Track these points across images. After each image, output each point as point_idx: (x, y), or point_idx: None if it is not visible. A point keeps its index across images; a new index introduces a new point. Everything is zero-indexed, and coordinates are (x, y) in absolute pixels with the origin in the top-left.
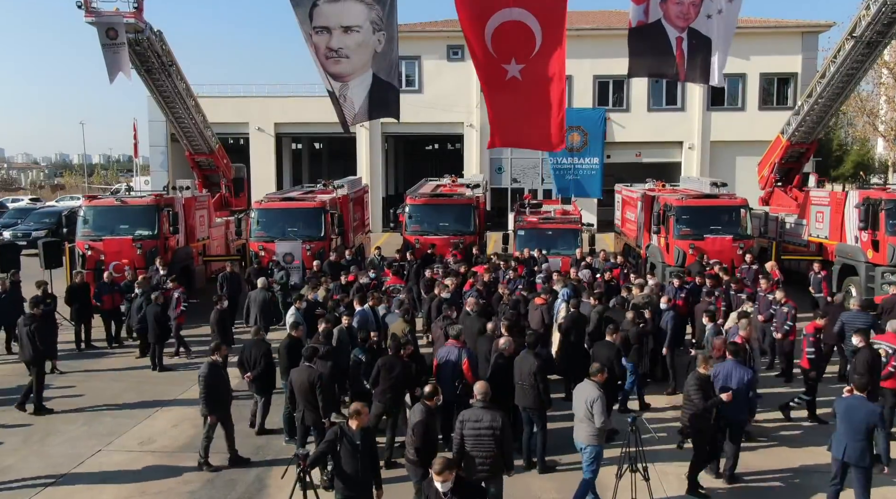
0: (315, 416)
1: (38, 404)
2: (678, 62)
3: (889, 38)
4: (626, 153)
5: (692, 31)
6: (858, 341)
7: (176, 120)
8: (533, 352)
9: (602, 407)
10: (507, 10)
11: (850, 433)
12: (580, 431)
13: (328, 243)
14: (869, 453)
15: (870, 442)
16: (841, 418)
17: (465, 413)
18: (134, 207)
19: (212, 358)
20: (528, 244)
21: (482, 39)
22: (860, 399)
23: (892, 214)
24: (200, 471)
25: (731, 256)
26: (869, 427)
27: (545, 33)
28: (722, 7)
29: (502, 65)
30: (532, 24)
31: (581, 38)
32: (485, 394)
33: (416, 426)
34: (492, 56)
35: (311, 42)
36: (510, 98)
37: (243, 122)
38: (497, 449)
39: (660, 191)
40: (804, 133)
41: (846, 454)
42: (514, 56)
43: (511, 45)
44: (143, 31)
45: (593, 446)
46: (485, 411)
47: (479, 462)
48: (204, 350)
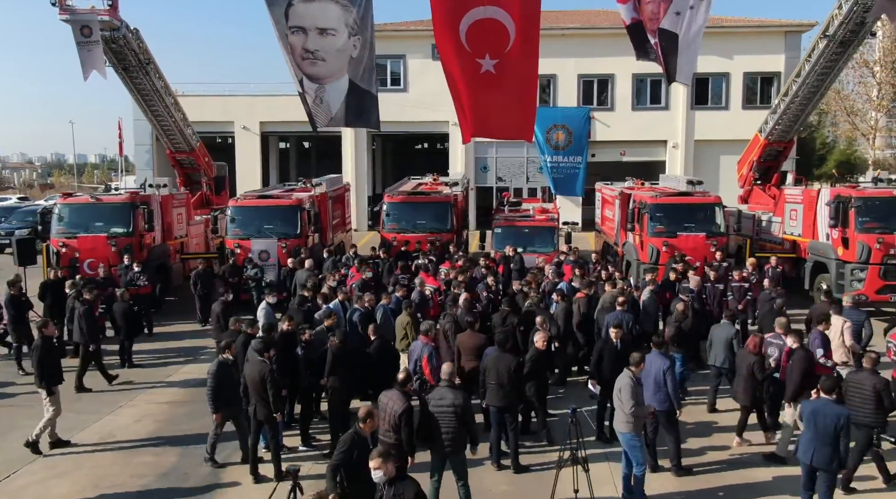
0: (267, 410)
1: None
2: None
3: (861, 37)
4: (611, 152)
5: (661, 32)
6: (793, 342)
7: (155, 118)
8: (504, 351)
9: (630, 394)
10: (482, 8)
11: (818, 437)
12: (616, 419)
13: (304, 241)
14: (836, 457)
15: (837, 446)
16: (808, 422)
17: (434, 391)
18: (108, 205)
19: (222, 356)
20: (505, 242)
21: (456, 35)
22: (827, 402)
23: (861, 212)
24: (155, 465)
25: (704, 254)
26: (837, 430)
27: (519, 30)
28: (693, 3)
29: (476, 59)
30: (506, 21)
31: (566, 38)
32: (450, 374)
33: (403, 414)
34: (466, 51)
35: (287, 42)
36: (485, 91)
37: (229, 121)
38: (459, 426)
39: (636, 189)
40: (781, 132)
41: (814, 459)
42: (489, 52)
43: (485, 41)
44: (119, 29)
45: (623, 434)
46: (448, 390)
47: (443, 438)
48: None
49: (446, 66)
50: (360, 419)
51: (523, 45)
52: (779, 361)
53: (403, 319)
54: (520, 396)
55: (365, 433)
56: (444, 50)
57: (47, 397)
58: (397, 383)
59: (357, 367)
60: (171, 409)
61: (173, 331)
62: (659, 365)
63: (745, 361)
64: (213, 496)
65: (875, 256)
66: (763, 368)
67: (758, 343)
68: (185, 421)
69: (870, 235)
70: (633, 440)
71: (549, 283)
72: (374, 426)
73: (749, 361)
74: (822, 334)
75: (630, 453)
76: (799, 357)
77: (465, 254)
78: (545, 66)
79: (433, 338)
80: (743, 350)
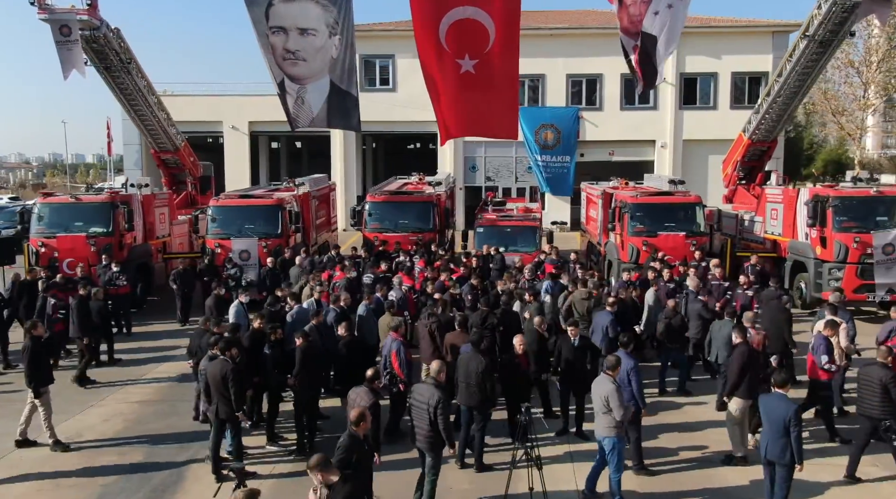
0: (228, 409)
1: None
2: (638, 72)
3: (841, 37)
4: (600, 152)
5: (644, 35)
6: (736, 337)
7: (139, 117)
8: (479, 351)
9: (618, 400)
10: (462, 8)
11: (771, 431)
12: (598, 423)
13: (285, 240)
14: (789, 451)
15: (790, 439)
16: (763, 416)
17: (415, 387)
18: (88, 205)
19: (212, 352)
20: (487, 241)
21: (436, 35)
22: (779, 396)
23: (839, 211)
24: (118, 464)
25: (683, 253)
26: (786, 424)
27: (499, 30)
28: (672, 2)
29: (456, 59)
30: (486, 21)
31: (554, 38)
32: (437, 372)
33: (370, 409)
34: (446, 51)
35: (268, 42)
36: (465, 92)
37: (217, 121)
38: (433, 424)
39: (619, 189)
40: (765, 131)
41: (768, 452)
42: (468, 52)
43: (465, 42)
44: (99, 28)
45: (609, 438)
46: (427, 387)
47: (418, 433)
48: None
49: (426, 68)
50: (353, 422)
51: (503, 44)
52: None
53: (387, 319)
54: (489, 396)
55: (359, 435)
56: (423, 50)
57: (35, 398)
58: (366, 379)
59: (324, 366)
60: (141, 408)
61: (152, 330)
62: (624, 365)
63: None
64: (174, 495)
65: (852, 256)
66: (765, 366)
67: (760, 341)
68: (154, 420)
69: (847, 235)
70: (613, 443)
71: (525, 282)
72: (367, 428)
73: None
74: (827, 340)
75: (609, 457)
76: (739, 353)
77: (444, 254)
78: (534, 65)
79: (403, 334)
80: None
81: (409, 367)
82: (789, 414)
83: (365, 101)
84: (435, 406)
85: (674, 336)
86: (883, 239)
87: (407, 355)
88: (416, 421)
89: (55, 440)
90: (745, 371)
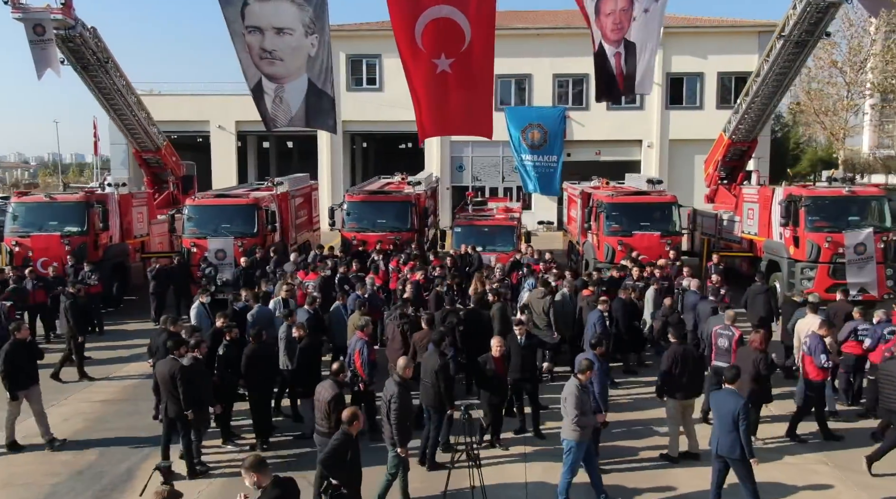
0: (177, 408)
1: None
2: (619, 79)
3: (817, 37)
4: (587, 152)
5: (627, 42)
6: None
7: (119, 117)
8: (438, 350)
9: (574, 402)
10: (437, 8)
11: (721, 426)
12: (563, 424)
13: (262, 240)
14: (739, 446)
15: (738, 434)
16: (714, 411)
17: (387, 382)
18: (62, 204)
19: (192, 354)
20: (465, 241)
21: (412, 35)
22: (729, 392)
23: (811, 211)
24: (72, 463)
25: (658, 252)
26: (734, 419)
27: (474, 30)
28: (649, 7)
29: (432, 59)
30: (462, 21)
31: (541, 37)
32: (402, 368)
33: (332, 401)
34: (421, 51)
35: (244, 42)
36: (442, 91)
37: (204, 121)
38: (388, 421)
39: (599, 188)
40: (745, 131)
41: (719, 447)
42: (444, 51)
43: (441, 41)
44: (74, 28)
45: (567, 440)
46: (391, 384)
47: (384, 429)
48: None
49: (405, 67)
50: (345, 422)
51: (479, 44)
52: (729, 351)
53: (355, 318)
54: (444, 396)
55: (352, 434)
56: (401, 50)
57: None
58: (332, 372)
59: (274, 367)
60: (103, 407)
61: (126, 329)
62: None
63: (749, 357)
64: (122, 494)
65: (824, 255)
66: (768, 365)
67: (762, 339)
68: (114, 419)
69: (819, 234)
70: (575, 447)
71: (496, 281)
72: (360, 426)
73: (754, 358)
74: (823, 340)
75: (564, 458)
76: (668, 353)
77: (418, 253)
78: (521, 65)
79: (369, 333)
80: (746, 347)
81: (371, 367)
82: (737, 409)
83: (352, 101)
84: (389, 401)
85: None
86: (854, 239)
87: (371, 355)
88: (383, 417)
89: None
90: (671, 371)
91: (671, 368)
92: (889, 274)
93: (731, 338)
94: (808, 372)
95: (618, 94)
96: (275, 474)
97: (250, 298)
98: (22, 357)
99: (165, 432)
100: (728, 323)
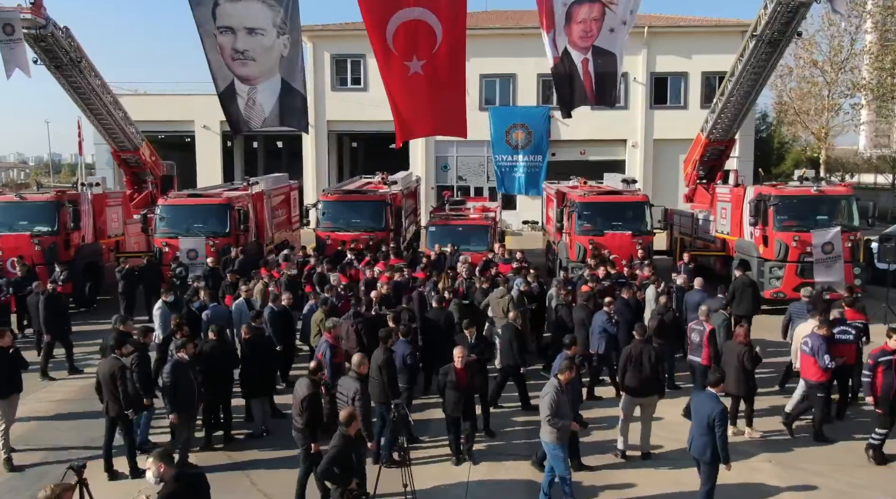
0: (118, 407)
1: None
2: (587, 87)
3: (788, 36)
4: (571, 151)
5: (596, 49)
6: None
7: (96, 117)
8: (384, 346)
9: (548, 402)
10: (409, 10)
11: (697, 428)
12: (541, 426)
13: (234, 239)
14: (710, 449)
15: (713, 437)
16: (693, 412)
17: (340, 380)
18: (33, 204)
19: (178, 355)
20: (439, 241)
21: (383, 38)
22: (709, 395)
23: (780, 211)
24: (21, 463)
25: (629, 252)
26: (710, 422)
27: (446, 31)
28: (627, 19)
29: (405, 62)
30: (432, 21)
31: (525, 37)
32: (357, 364)
33: (305, 399)
34: (393, 54)
35: (216, 42)
36: (415, 93)
37: (189, 121)
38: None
39: (576, 188)
40: (722, 131)
41: (692, 448)
42: (416, 53)
43: (412, 43)
44: (46, 27)
45: (545, 443)
46: (349, 380)
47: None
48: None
49: (380, 69)
50: (343, 423)
51: (450, 44)
52: (701, 345)
53: (318, 316)
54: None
55: (351, 435)
56: (376, 52)
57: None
58: (309, 370)
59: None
60: (58, 407)
61: (96, 330)
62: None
63: (734, 351)
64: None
65: (792, 254)
66: (752, 358)
67: (746, 333)
68: (68, 419)
69: (787, 233)
70: (555, 451)
71: (462, 281)
72: (358, 427)
73: (738, 352)
74: (825, 341)
75: (553, 464)
76: (626, 349)
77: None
78: (505, 65)
79: (336, 335)
80: (731, 341)
81: (334, 369)
82: (714, 413)
83: (336, 101)
84: (352, 398)
85: (666, 332)
86: (822, 238)
87: (336, 358)
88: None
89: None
90: (626, 367)
91: (626, 365)
92: (857, 273)
93: (703, 333)
94: (811, 373)
95: (582, 102)
96: (180, 468)
97: (207, 298)
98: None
99: (108, 432)
100: (702, 318)
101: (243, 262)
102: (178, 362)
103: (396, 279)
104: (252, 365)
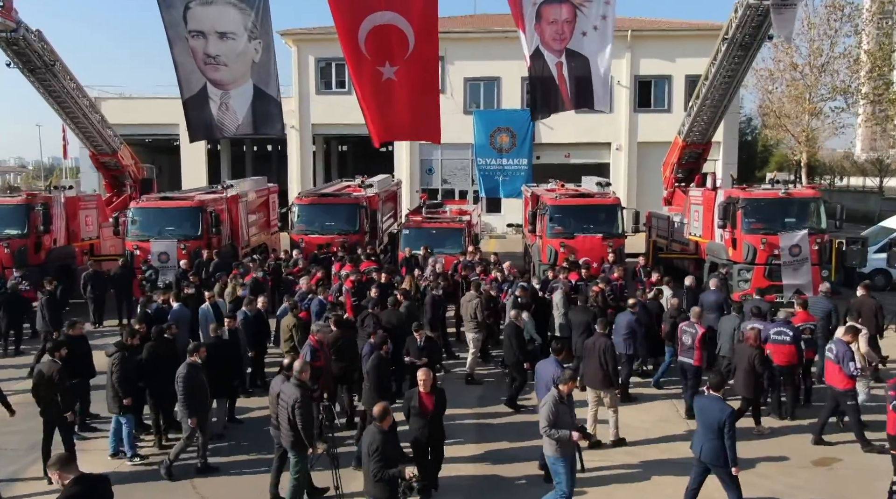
0: (56, 410)
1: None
2: (562, 91)
3: (759, 40)
4: (556, 154)
5: (570, 52)
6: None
7: (72, 121)
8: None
9: (546, 413)
10: (380, 14)
11: (706, 433)
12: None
13: (206, 242)
14: (723, 454)
15: (723, 442)
16: (696, 417)
17: (281, 386)
18: (2, 207)
19: (191, 359)
20: (413, 243)
21: (356, 42)
22: (713, 398)
23: (748, 213)
24: None
25: (600, 255)
26: (720, 427)
27: (418, 35)
28: (597, 24)
29: (377, 67)
30: (404, 27)
31: (508, 40)
32: (299, 371)
33: (296, 403)
34: (366, 58)
35: (187, 46)
36: (388, 98)
37: (174, 124)
38: (289, 424)
39: (551, 191)
40: (698, 134)
41: (703, 454)
42: (388, 59)
43: (385, 48)
44: (17, 31)
45: (546, 456)
46: (291, 387)
47: (282, 432)
48: None
49: (351, 73)
50: (377, 419)
51: (423, 49)
52: (692, 347)
53: (289, 321)
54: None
55: (385, 429)
56: (347, 56)
57: None
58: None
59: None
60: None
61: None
62: (550, 372)
63: (744, 353)
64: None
65: (760, 257)
66: (763, 361)
67: (756, 336)
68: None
69: (755, 236)
70: (556, 465)
71: (430, 283)
72: (391, 422)
73: (749, 354)
74: (850, 347)
75: (554, 478)
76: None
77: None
78: (489, 68)
79: (320, 340)
80: (742, 344)
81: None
82: (724, 418)
83: (322, 104)
84: (292, 406)
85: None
86: (789, 240)
87: (317, 361)
88: (281, 420)
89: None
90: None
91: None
92: (825, 276)
93: (695, 335)
94: (837, 381)
95: (560, 107)
96: (81, 472)
97: (169, 300)
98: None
99: (46, 435)
100: (693, 320)
101: (217, 264)
102: (193, 365)
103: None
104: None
